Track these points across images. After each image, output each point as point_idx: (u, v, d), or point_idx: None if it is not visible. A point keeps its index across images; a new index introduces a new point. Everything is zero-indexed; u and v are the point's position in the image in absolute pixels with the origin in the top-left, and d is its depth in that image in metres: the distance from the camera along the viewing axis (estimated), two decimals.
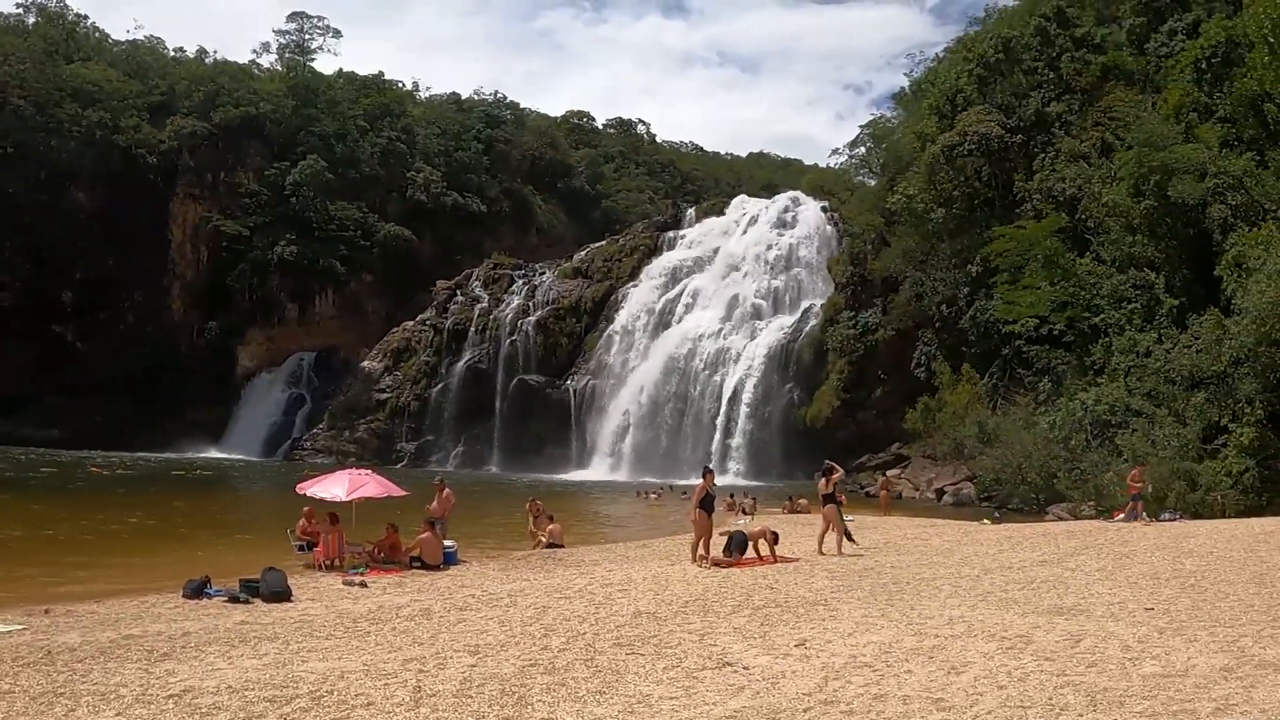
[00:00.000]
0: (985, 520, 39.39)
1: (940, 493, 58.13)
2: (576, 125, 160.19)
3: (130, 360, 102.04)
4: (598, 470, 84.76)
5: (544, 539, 30.11)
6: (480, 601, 18.50)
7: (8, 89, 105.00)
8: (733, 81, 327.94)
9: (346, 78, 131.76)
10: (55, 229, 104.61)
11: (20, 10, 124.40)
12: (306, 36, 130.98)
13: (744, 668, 11.76)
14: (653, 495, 59.26)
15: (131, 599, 20.29)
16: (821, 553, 24.64)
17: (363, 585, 21.72)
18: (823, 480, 25.93)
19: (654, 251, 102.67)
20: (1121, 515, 35.92)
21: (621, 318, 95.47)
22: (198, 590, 20.11)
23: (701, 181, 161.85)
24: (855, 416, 76.04)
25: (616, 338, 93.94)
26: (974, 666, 11.39)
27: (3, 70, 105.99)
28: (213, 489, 61.60)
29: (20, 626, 16.70)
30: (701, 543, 23.57)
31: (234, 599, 19.43)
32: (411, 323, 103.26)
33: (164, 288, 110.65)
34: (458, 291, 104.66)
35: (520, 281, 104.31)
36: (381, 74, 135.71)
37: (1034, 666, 11.30)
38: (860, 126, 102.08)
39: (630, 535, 37.36)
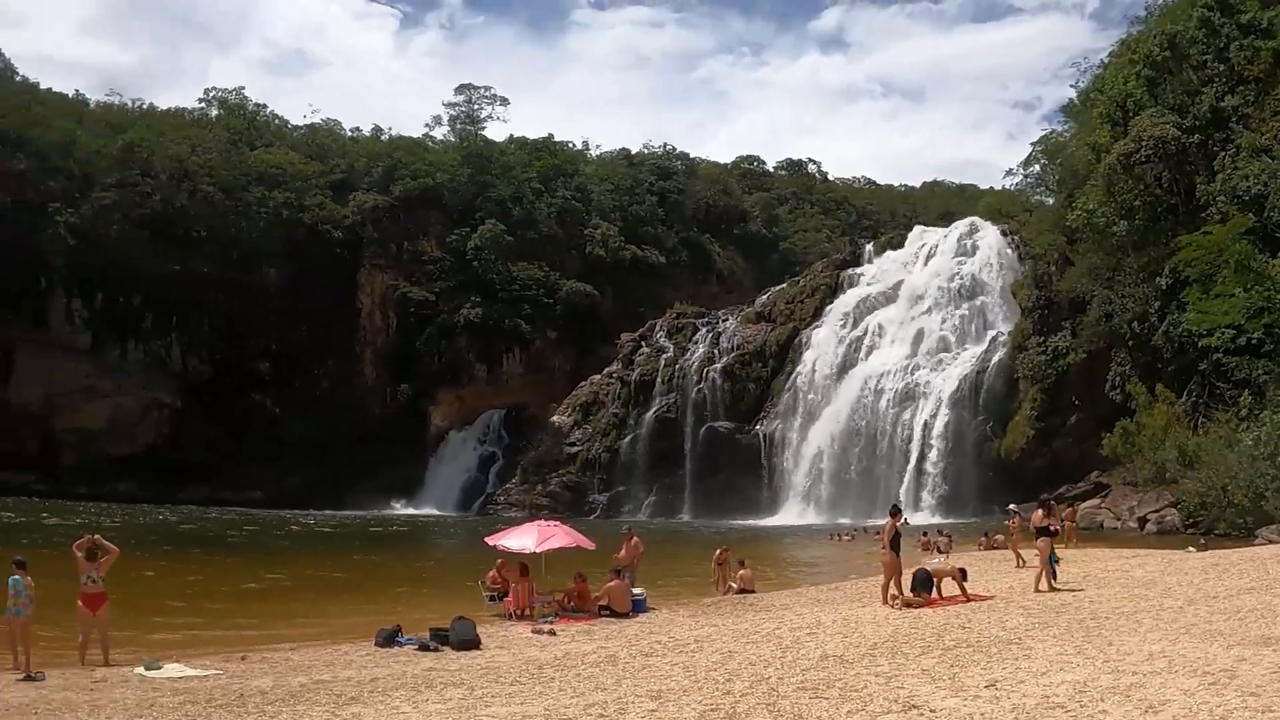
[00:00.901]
0: (1190, 548, 37.83)
1: (1143, 521, 55.65)
2: (747, 170, 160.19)
3: (325, 424, 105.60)
4: (790, 514, 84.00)
5: (735, 584, 30.02)
6: (666, 647, 18.51)
7: (197, 177, 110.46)
8: (897, 111, 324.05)
9: (518, 143, 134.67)
10: (249, 305, 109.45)
11: (203, 104, 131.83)
12: (475, 107, 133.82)
13: (930, 710, 11.43)
14: (845, 537, 58.58)
15: (325, 647, 20.98)
16: (1039, 590, 23.75)
17: (551, 634, 21.98)
18: (1039, 512, 25.23)
19: (835, 290, 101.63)
20: None
21: (807, 359, 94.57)
22: (389, 639, 20.68)
23: (877, 216, 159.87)
24: (1051, 445, 73.66)
25: (803, 380, 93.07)
26: (1173, 705, 10.84)
27: (191, 160, 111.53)
28: (408, 543, 63.00)
29: (217, 671, 17.46)
30: (892, 583, 23.15)
31: (424, 647, 19.90)
32: (598, 376, 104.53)
33: (355, 354, 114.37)
34: (642, 343, 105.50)
35: (704, 329, 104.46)
36: (551, 136, 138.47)
37: (1238, 703, 10.69)
38: (1031, 144, 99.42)
39: (822, 578, 36.99)
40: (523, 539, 26.99)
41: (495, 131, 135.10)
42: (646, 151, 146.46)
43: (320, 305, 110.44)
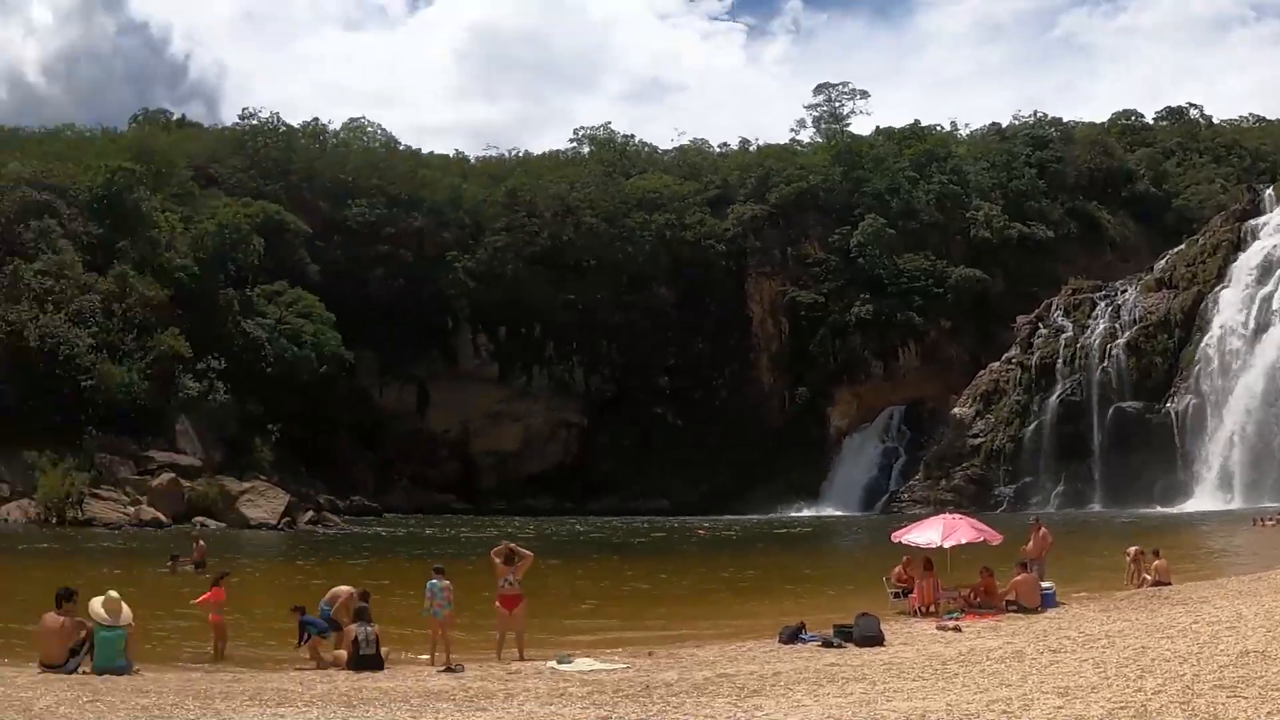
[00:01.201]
0: None
1: None
2: (1126, 126, 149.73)
3: (726, 432, 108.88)
4: (1208, 499, 78.67)
5: (1149, 577, 28.90)
6: (1075, 643, 18.20)
7: (579, 211, 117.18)
8: (1278, 34, 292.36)
9: (884, 133, 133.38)
10: (644, 323, 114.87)
11: (574, 144, 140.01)
12: (836, 104, 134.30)
13: None
14: (1270, 522, 54.76)
15: (729, 644, 21.89)
16: None
17: (957, 630, 21.94)
18: None
19: (1238, 246, 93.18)
20: None
21: (1215, 325, 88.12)
22: (793, 635, 21.31)
23: (1273, 156, 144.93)
24: None
25: (1213, 348, 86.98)
26: None
27: (571, 196, 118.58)
28: (811, 544, 63.84)
29: (624, 665, 18.63)
30: None
31: (827, 644, 20.36)
32: (997, 363, 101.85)
33: (750, 361, 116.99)
34: (1039, 324, 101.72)
35: (1102, 303, 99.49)
36: (917, 122, 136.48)
37: None
38: None
39: (1243, 568, 34.93)
40: (928, 534, 26.96)
41: (860, 125, 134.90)
42: (1017, 123, 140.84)
43: (712, 317, 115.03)
